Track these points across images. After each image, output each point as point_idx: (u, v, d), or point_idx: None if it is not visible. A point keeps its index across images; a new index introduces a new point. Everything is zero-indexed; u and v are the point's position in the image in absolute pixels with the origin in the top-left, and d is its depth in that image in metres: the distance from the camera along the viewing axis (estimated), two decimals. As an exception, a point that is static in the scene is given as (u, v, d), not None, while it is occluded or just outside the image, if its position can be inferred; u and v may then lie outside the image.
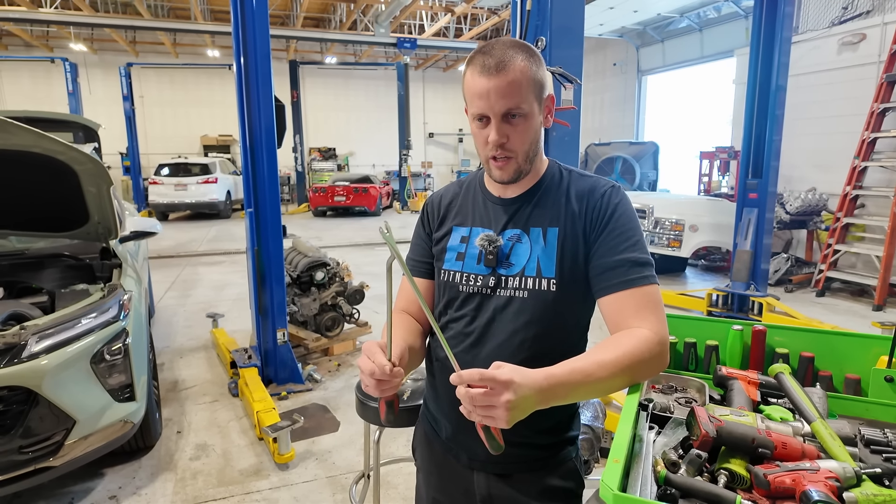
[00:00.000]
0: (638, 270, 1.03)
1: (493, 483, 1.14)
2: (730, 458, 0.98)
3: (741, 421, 1.03)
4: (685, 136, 13.66)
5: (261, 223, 3.65)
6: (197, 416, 3.46)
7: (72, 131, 5.12)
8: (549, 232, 1.09)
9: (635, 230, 1.07)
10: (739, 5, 11.09)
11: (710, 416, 1.00)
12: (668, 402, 1.27)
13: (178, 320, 5.46)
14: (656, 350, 0.98)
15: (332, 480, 2.76)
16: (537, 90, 1.04)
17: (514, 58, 1.00)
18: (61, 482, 2.67)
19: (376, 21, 13.10)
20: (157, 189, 12.90)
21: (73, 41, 15.15)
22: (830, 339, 1.28)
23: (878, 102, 6.07)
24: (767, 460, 0.96)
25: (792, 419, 1.12)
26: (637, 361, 0.96)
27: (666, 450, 1.04)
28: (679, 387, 1.35)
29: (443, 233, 1.21)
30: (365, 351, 0.98)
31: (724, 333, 1.36)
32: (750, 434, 0.97)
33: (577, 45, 2.75)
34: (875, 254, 6.02)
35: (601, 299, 1.06)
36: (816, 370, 1.28)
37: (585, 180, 1.13)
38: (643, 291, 1.02)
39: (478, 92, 1.01)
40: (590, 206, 1.09)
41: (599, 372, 0.93)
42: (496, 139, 1.03)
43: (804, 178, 7.29)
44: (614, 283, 1.03)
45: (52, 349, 2.28)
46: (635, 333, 0.98)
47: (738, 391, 1.21)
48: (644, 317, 1.01)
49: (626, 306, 1.02)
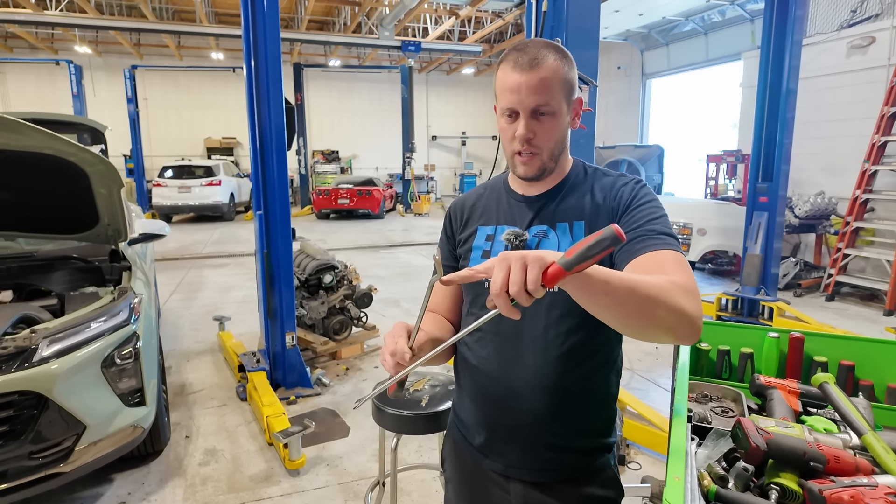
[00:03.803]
0: (662, 238, 0.97)
1: (529, 493, 1.10)
2: (779, 472, 0.94)
3: (788, 433, 0.99)
4: (690, 139, 13.63)
5: (270, 225, 3.62)
6: (205, 420, 3.42)
7: (78, 133, 5.11)
8: (575, 225, 1.08)
9: (659, 209, 1.04)
10: (745, 9, 11.06)
11: (758, 428, 0.96)
12: (705, 411, 1.23)
13: (184, 323, 5.43)
14: (684, 299, 0.84)
15: (345, 487, 2.72)
16: (567, 91, 1.04)
17: (546, 56, 1.01)
18: (70, 488, 2.63)
19: (380, 24, 13.10)
20: (160, 191, 12.88)
21: (78, 43, 15.17)
22: (871, 347, 1.25)
23: (888, 106, 6.03)
24: (819, 475, 0.92)
25: (836, 431, 1.08)
26: (666, 293, 0.83)
27: (711, 463, 1.00)
28: (714, 395, 1.32)
29: (468, 234, 1.20)
30: (393, 330, 0.99)
31: (760, 341, 1.33)
32: (801, 447, 0.93)
33: (592, 47, 2.72)
34: (886, 258, 5.97)
35: (624, 267, 0.97)
36: (857, 379, 1.24)
37: (610, 177, 1.13)
38: (668, 253, 0.94)
39: (509, 86, 1.02)
40: (612, 195, 1.08)
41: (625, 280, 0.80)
42: (523, 133, 1.03)
43: (812, 182, 7.25)
44: (636, 250, 0.96)
45: (63, 353, 2.24)
46: (667, 278, 0.87)
47: (778, 401, 1.17)
48: (672, 272, 0.90)
49: (650, 264, 0.92)
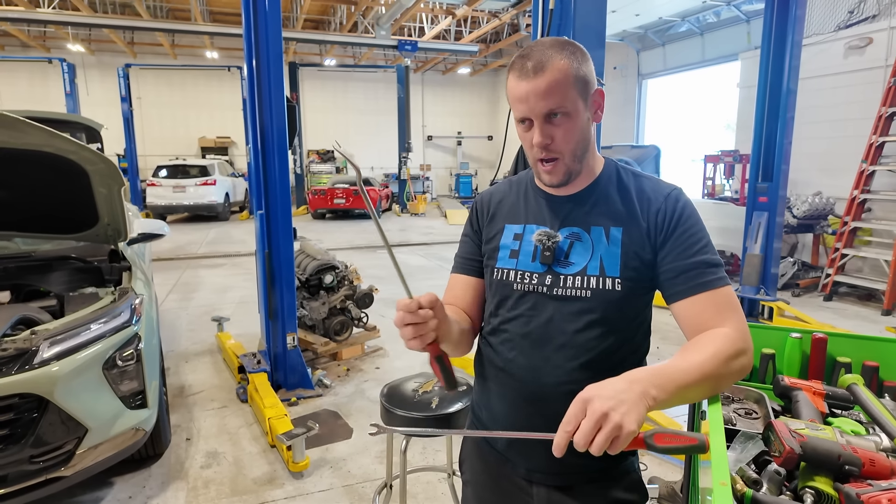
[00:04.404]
0: (713, 272, 1.01)
1: (553, 496, 1.09)
2: (813, 475, 0.92)
3: (819, 435, 0.97)
4: (685, 140, 13.67)
5: (271, 225, 3.58)
6: (206, 422, 3.38)
7: (73, 132, 5.05)
8: (612, 231, 1.06)
9: (703, 231, 1.05)
10: (740, 10, 11.10)
11: (791, 431, 0.94)
12: (729, 413, 1.21)
13: (182, 324, 5.37)
14: (742, 347, 0.95)
15: (349, 490, 2.69)
16: (581, 87, 1.00)
17: (552, 58, 0.98)
18: (70, 492, 2.58)
19: (377, 23, 13.07)
20: (154, 191, 12.79)
21: (71, 42, 15.04)
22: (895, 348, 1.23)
23: (885, 106, 6.06)
24: (854, 478, 0.91)
25: (865, 433, 1.07)
26: (726, 358, 0.91)
27: (742, 466, 0.98)
28: (736, 397, 1.30)
29: (494, 231, 1.18)
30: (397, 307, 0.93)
31: (781, 341, 1.31)
32: (835, 450, 0.91)
33: (599, 46, 2.70)
34: (883, 258, 6.00)
35: (676, 304, 1.02)
36: (881, 380, 1.23)
37: (647, 181, 1.11)
38: (721, 293, 0.99)
39: (518, 96, 1.00)
40: (653, 208, 1.06)
41: (691, 371, 0.88)
42: (540, 141, 1.01)
43: (810, 182, 7.28)
44: (691, 287, 1.00)
45: (64, 355, 2.20)
46: (720, 333, 0.95)
47: (804, 403, 1.15)
48: (726, 317, 0.98)
49: (705, 309, 0.99)
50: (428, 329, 0.92)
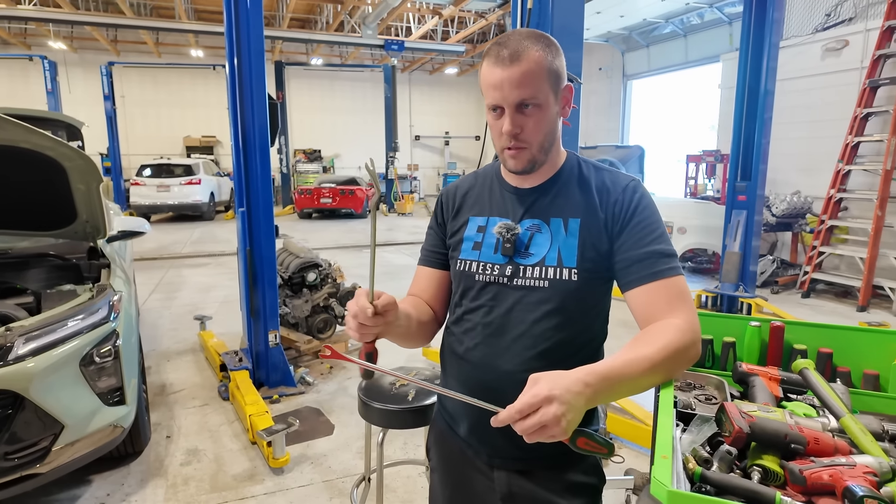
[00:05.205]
0: (665, 261, 1.03)
1: (514, 480, 1.11)
2: (761, 454, 0.96)
3: (770, 417, 1.01)
4: (669, 140, 13.83)
5: (253, 223, 3.58)
6: (187, 420, 3.37)
7: (53, 129, 5.00)
8: (570, 222, 1.09)
9: (658, 223, 1.08)
10: (723, 12, 11.27)
11: (741, 412, 0.98)
12: (689, 399, 1.25)
13: (164, 323, 5.34)
14: (691, 339, 0.97)
15: (329, 485, 2.70)
16: (553, 80, 1.03)
17: (528, 48, 0.99)
18: (46, 490, 2.57)
19: (363, 23, 13.06)
20: (138, 190, 12.65)
21: (53, 39, 14.83)
22: (849, 335, 1.28)
23: (860, 107, 6.19)
24: (800, 456, 0.95)
25: (816, 415, 1.11)
26: (675, 352, 0.94)
27: (696, 447, 1.02)
28: (697, 384, 1.34)
29: (459, 223, 1.20)
30: (355, 296, 1.00)
31: (742, 330, 1.35)
32: (782, 430, 0.95)
33: (577, 46, 2.74)
34: (859, 255, 6.13)
35: (629, 292, 1.05)
36: (835, 366, 1.27)
37: (606, 174, 1.13)
38: (673, 282, 1.02)
39: (492, 83, 1.01)
40: (611, 198, 1.09)
41: (640, 365, 0.91)
42: (510, 129, 1.02)
43: (788, 182, 7.41)
44: (643, 275, 1.03)
45: (40, 351, 2.19)
46: (670, 324, 0.97)
47: (760, 387, 1.20)
48: (675, 307, 1.00)
49: (657, 298, 1.01)
50: (371, 331, 0.98)
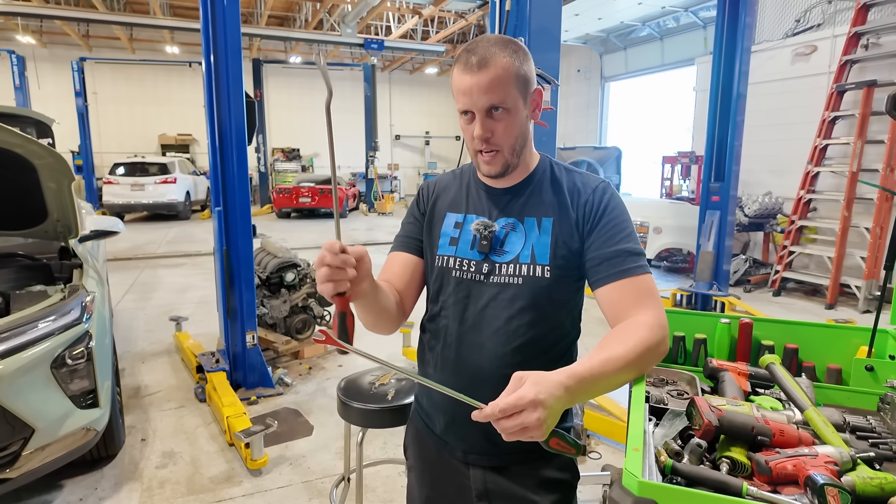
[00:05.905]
0: (633, 260, 1.06)
1: (489, 477, 1.13)
2: (730, 446, 0.99)
3: (737, 410, 1.05)
4: (646, 141, 14.05)
5: (230, 222, 3.54)
6: (162, 422, 3.32)
7: (21, 126, 4.87)
8: (543, 221, 1.12)
9: (627, 222, 1.11)
10: (698, 16, 11.49)
11: (710, 406, 1.01)
12: (661, 394, 1.28)
13: (139, 324, 5.24)
14: (661, 335, 1.00)
15: (308, 485, 2.69)
16: (521, 85, 1.05)
17: (496, 55, 1.01)
18: (16, 495, 2.51)
19: (343, 21, 12.97)
20: (112, 189, 12.36)
21: (21, 33, 14.39)
22: (813, 331, 1.33)
23: (828, 111, 6.38)
24: (766, 448, 0.98)
25: (782, 408, 1.15)
26: (647, 349, 0.97)
27: (668, 440, 1.05)
28: (670, 379, 1.37)
29: (437, 218, 1.22)
30: (323, 246, 0.90)
31: (712, 327, 1.39)
32: (749, 422, 0.99)
33: (554, 48, 2.78)
34: (827, 255, 6.32)
35: (599, 290, 1.07)
36: (800, 361, 1.32)
37: (577, 176, 1.17)
38: (641, 280, 1.05)
39: (462, 89, 1.03)
40: (582, 199, 1.12)
41: (615, 364, 0.93)
42: (480, 134, 1.05)
43: (760, 183, 7.60)
44: (612, 273, 1.05)
45: (9, 354, 2.14)
46: (640, 322, 1.00)
47: (729, 382, 1.23)
48: (643, 304, 1.03)
49: (625, 295, 1.04)
50: (344, 276, 0.88)
